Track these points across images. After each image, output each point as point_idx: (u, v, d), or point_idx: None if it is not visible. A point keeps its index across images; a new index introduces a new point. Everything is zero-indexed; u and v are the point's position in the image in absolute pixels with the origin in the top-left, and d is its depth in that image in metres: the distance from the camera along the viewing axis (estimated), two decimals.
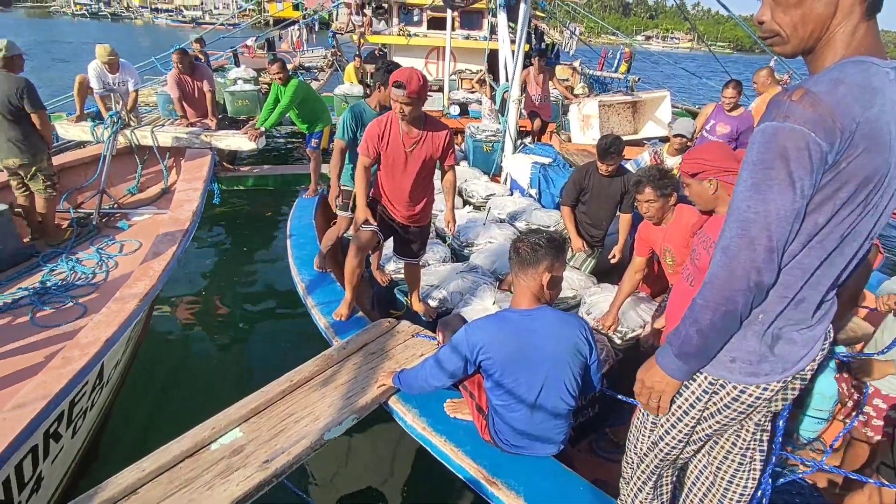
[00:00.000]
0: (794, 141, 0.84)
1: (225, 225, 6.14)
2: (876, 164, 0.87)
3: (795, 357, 1.06)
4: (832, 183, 0.88)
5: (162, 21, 56.10)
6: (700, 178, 1.74)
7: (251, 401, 1.91)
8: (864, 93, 0.84)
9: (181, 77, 5.07)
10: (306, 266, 3.29)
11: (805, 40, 0.93)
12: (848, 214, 0.92)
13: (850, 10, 0.88)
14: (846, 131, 0.83)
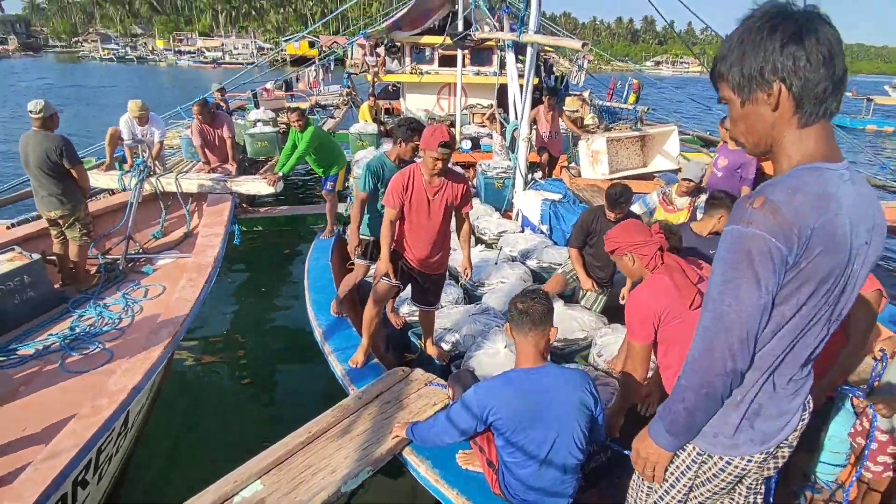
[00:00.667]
0: (758, 245, 0.94)
1: (245, 265, 6.32)
2: (833, 263, 0.96)
3: (775, 430, 1.15)
4: (794, 280, 0.97)
5: (185, 63, 58.69)
6: (617, 254, 1.96)
7: (271, 453, 1.98)
8: (819, 200, 0.93)
9: (202, 126, 5.35)
10: (323, 311, 3.38)
11: (758, 146, 1.04)
12: (812, 306, 1.01)
13: (788, 122, 0.97)
14: (802, 237, 0.92)
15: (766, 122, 0.99)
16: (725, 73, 1.01)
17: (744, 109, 1.01)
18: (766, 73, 0.95)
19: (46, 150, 3.56)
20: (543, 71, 13.11)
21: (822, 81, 0.93)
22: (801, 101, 0.95)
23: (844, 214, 0.95)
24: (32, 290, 3.57)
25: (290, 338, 4.68)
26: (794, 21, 0.92)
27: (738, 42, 0.97)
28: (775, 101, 0.96)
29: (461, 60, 10.17)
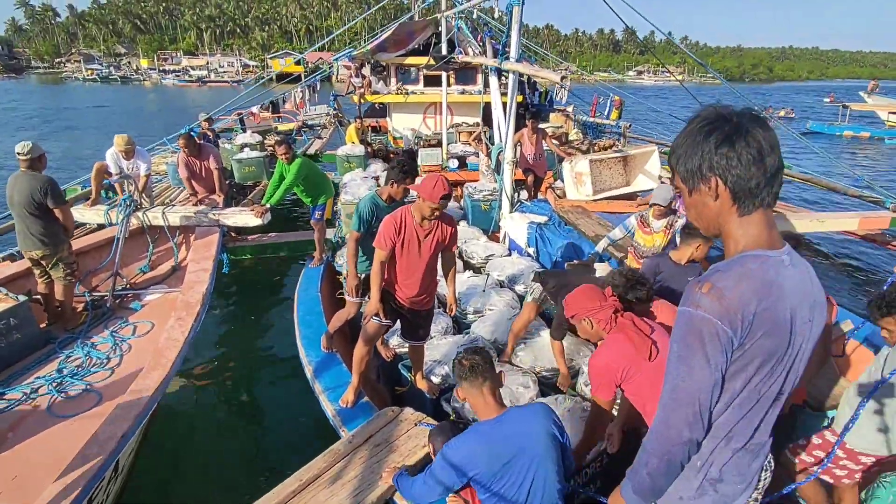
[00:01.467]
0: (707, 328, 1.03)
1: (234, 293, 6.31)
2: (775, 344, 1.06)
3: (736, 492, 1.24)
4: (741, 359, 1.07)
5: (170, 82, 58.59)
6: (576, 319, 2.14)
7: (265, 502, 1.99)
8: (763, 286, 1.03)
9: (189, 159, 5.38)
10: (313, 347, 3.40)
11: (708, 230, 1.16)
12: (759, 381, 1.10)
13: (729, 212, 1.09)
14: (745, 321, 1.02)
15: (711, 210, 1.11)
16: (675, 167, 1.13)
17: (692, 198, 1.13)
18: (704, 170, 1.07)
19: (31, 190, 3.57)
20: (528, 87, 13.35)
21: (754, 178, 1.04)
22: (737, 193, 1.06)
23: (786, 298, 1.05)
24: (18, 332, 3.55)
25: (280, 371, 4.68)
26: (729, 125, 1.04)
27: (683, 141, 1.10)
28: (714, 192, 1.08)
29: (446, 80, 10.32)
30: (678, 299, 2.60)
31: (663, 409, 1.13)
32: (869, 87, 24.63)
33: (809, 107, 35.27)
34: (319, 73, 14.25)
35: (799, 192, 11.31)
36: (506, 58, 5.43)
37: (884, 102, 23.16)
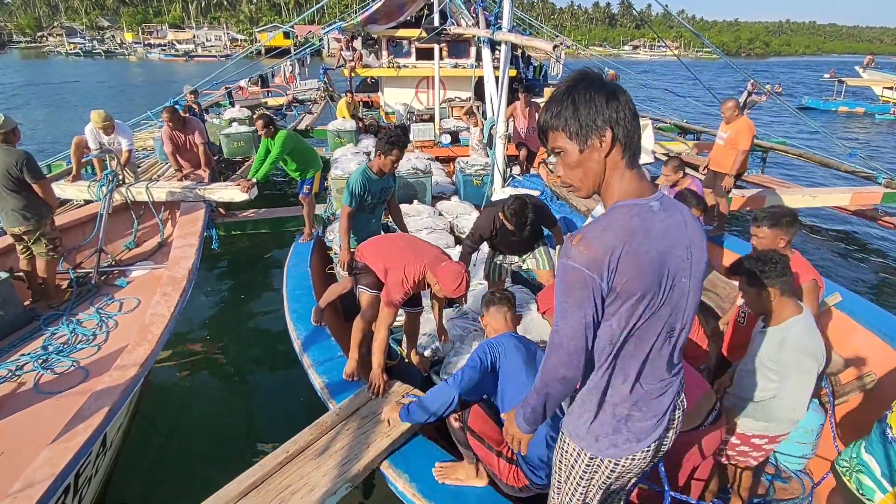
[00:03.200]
0: (575, 276, 1.13)
1: (223, 269, 6.25)
2: (646, 283, 1.13)
3: (648, 428, 1.31)
4: (616, 301, 1.15)
5: (155, 56, 57.04)
6: (549, 315, 2.35)
7: (248, 476, 1.99)
8: (626, 232, 1.11)
9: (173, 133, 5.24)
10: (303, 321, 3.37)
11: (592, 188, 1.22)
12: (640, 320, 1.17)
13: (615, 166, 1.17)
14: (611, 266, 1.10)
15: (598, 166, 1.17)
16: (561, 125, 1.17)
17: (581, 156, 1.17)
18: (599, 123, 1.13)
19: (7, 166, 3.46)
20: (521, 62, 13.08)
21: (635, 131, 1.16)
22: (625, 146, 1.16)
23: (653, 241, 1.13)
24: (2, 310, 3.49)
25: (270, 346, 4.66)
26: (606, 85, 1.16)
27: (568, 101, 1.15)
28: (608, 146, 1.15)
29: (438, 53, 10.08)
30: None
31: (547, 351, 1.24)
32: (865, 62, 24.38)
33: (800, 82, 35.02)
34: (309, 47, 13.90)
35: (791, 169, 11.29)
36: (498, 28, 5.29)
37: (878, 77, 22.99)
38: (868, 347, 3.12)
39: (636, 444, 1.30)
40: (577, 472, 1.38)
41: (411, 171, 5.87)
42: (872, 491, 1.73)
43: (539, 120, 1.22)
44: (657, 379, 1.28)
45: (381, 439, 2.12)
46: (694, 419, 1.97)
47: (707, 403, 2.01)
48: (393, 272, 2.64)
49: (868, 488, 1.74)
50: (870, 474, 1.74)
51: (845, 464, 1.88)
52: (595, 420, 1.31)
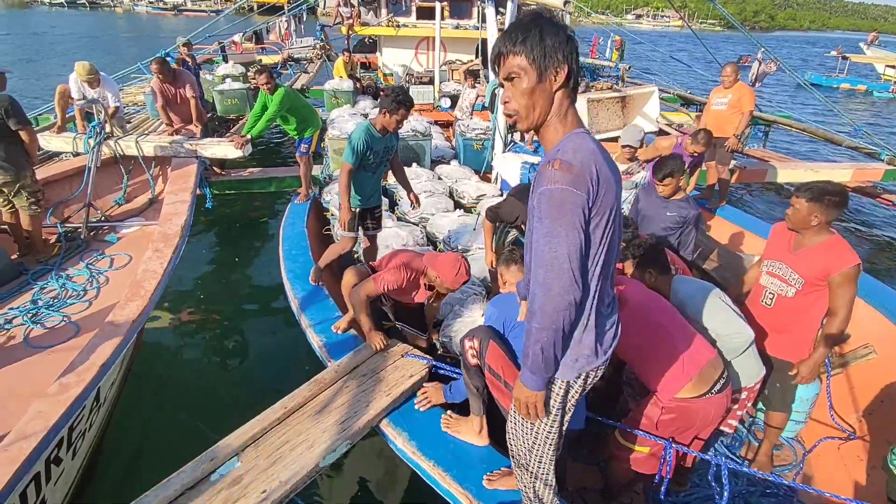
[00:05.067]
0: (566, 196, 1.16)
1: (218, 230, 6.13)
2: (612, 197, 1.23)
3: (610, 339, 1.41)
4: (595, 216, 1.21)
5: (142, 9, 54.68)
6: None
7: (248, 429, 1.96)
8: (590, 153, 1.20)
9: (163, 86, 5.01)
10: (300, 280, 3.30)
11: (535, 120, 1.26)
12: (610, 233, 1.26)
13: (562, 101, 1.25)
14: (592, 181, 1.17)
15: (548, 97, 1.23)
16: (526, 51, 1.19)
17: (539, 86, 1.21)
18: (560, 56, 1.19)
19: None
20: None
21: (580, 69, 1.26)
22: (576, 82, 1.24)
23: (605, 162, 1.22)
24: None
25: (266, 306, 4.62)
26: (565, 26, 1.22)
27: (534, 28, 1.18)
28: (563, 79, 1.21)
29: (440, 13, 9.71)
30: (652, 232, 2.69)
31: (544, 286, 1.21)
32: (869, 39, 23.99)
33: (803, 58, 34.44)
34: (304, 2, 13.32)
35: (793, 145, 11.19)
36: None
37: (882, 55, 22.64)
38: (866, 320, 3.13)
39: (601, 357, 1.37)
40: (559, 405, 1.41)
41: (411, 133, 5.71)
42: None
43: (497, 44, 1.23)
44: (611, 297, 1.41)
45: (381, 398, 2.09)
46: (702, 385, 1.96)
47: (714, 371, 2.00)
48: (394, 264, 2.69)
49: None
50: None
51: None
52: (574, 344, 1.35)
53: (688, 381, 1.94)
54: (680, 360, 1.97)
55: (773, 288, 2.46)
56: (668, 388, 1.97)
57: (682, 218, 3.03)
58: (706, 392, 1.95)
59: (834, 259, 2.21)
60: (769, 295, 2.49)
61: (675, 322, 2.08)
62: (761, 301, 2.53)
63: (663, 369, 1.98)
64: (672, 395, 1.96)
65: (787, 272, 2.38)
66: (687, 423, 2.00)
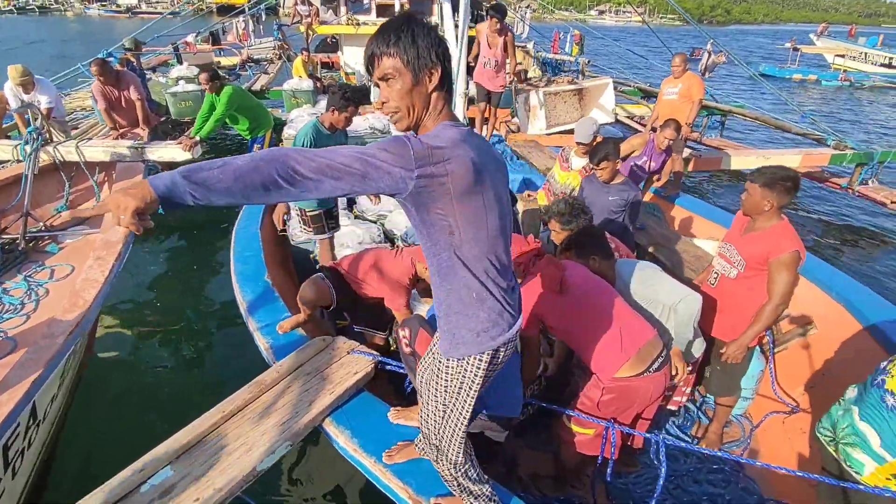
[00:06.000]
0: (384, 145, 1.15)
1: (172, 234, 5.94)
2: (468, 181, 1.19)
3: (514, 310, 1.40)
4: (444, 195, 1.18)
5: (94, 12, 52.65)
6: None
7: (181, 437, 1.89)
8: (451, 142, 1.18)
9: (105, 88, 4.83)
10: (249, 282, 3.22)
11: (416, 119, 1.28)
12: (487, 212, 1.26)
13: (437, 102, 1.27)
14: (435, 159, 1.15)
15: (425, 99, 1.25)
16: (396, 52, 1.20)
17: (414, 87, 1.23)
18: (433, 57, 1.22)
19: None
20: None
21: (451, 72, 1.28)
22: (448, 85, 1.27)
23: (469, 151, 1.20)
24: None
25: (226, 311, 4.50)
26: (435, 27, 1.24)
27: (406, 29, 1.20)
28: (437, 79, 1.24)
29: (399, 9, 9.65)
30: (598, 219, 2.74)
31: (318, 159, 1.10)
32: (819, 30, 24.96)
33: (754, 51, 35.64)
34: (263, 2, 13.06)
35: (749, 135, 11.56)
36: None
37: (831, 45, 23.61)
38: (809, 298, 3.24)
39: (508, 330, 1.38)
40: (463, 386, 1.40)
41: (370, 130, 5.67)
42: (862, 465, 1.67)
43: (370, 45, 1.23)
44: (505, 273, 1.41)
45: (324, 396, 2.05)
46: (640, 364, 1.99)
47: (653, 350, 2.03)
48: (387, 285, 2.70)
49: (857, 461, 1.69)
50: (864, 446, 1.67)
51: (829, 433, 1.82)
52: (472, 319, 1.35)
53: (626, 360, 1.97)
54: (619, 340, 2.00)
55: (718, 268, 2.53)
56: (607, 369, 2.00)
57: (624, 201, 3.09)
58: (644, 371, 1.98)
59: (774, 244, 2.24)
60: (714, 275, 2.56)
61: (615, 304, 2.11)
62: (708, 280, 2.61)
63: (603, 350, 2.01)
64: (611, 374, 1.99)
65: (732, 253, 2.43)
66: (627, 402, 2.03)
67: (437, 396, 1.45)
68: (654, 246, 3.60)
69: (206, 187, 1.02)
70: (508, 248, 1.39)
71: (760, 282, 2.34)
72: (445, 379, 1.42)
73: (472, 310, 1.33)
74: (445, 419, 1.46)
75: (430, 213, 1.21)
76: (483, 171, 1.22)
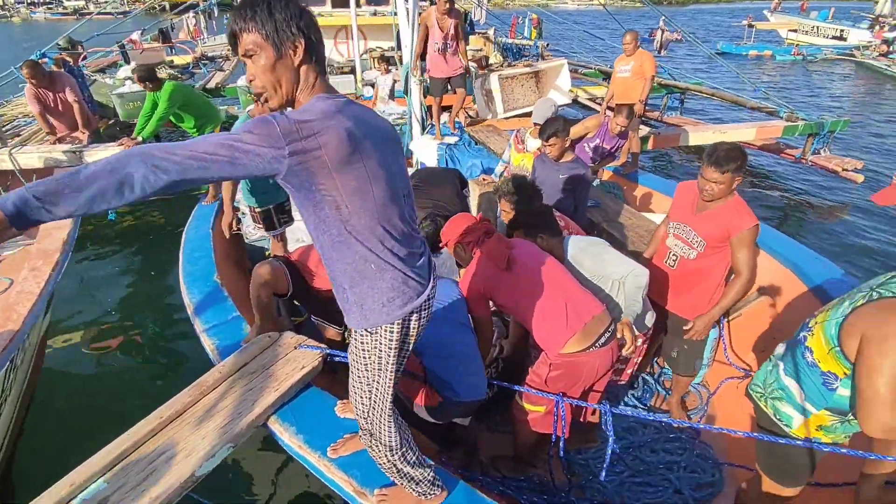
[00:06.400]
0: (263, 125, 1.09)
1: (121, 241, 5.72)
2: (346, 151, 1.15)
3: (422, 279, 1.38)
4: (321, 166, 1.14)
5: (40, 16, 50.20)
6: (449, 246, 2.32)
7: (116, 446, 1.81)
8: (323, 114, 1.15)
9: (38, 91, 4.58)
10: (198, 283, 3.11)
11: (285, 96, 1.24)
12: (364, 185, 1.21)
13: (308, 75, 1.24)
14: (303, 134, 1.10)
15: (292, 73, 1.22)
16: (255, 27, 1.16)
17: (278, 62, 1.19)
18: (294, 29, 1.18)
19: None
20: None
21: (321, 44, 1.24)
22: (316, 57, 1.23)
23: (344, 121, 1.16)
24: None
25: (177, 315, 4.36)
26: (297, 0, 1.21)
27: (262, 3, 1.16)
28: (303, 51, 1.20)
29: (355, 1, 9.44)
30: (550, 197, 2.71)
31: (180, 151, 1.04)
32: (773, 6, 25.55)
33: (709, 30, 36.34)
34: None
35: (708, 112, 11.78)
36: None
37: (784, 20, 24.20)
38: (759, 265, 3.30)
39: (417, 298, 1.37)
40: (384, 356, 1.37)
41: None
42: (791, 417, 1.71)
43: (230, 23, 1.19)
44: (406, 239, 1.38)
45: (269, 394, 1.98)
46: (586, 340, 1.98)
47: (600, 325, 2.03)
48: None
49: (786, 414, 1.73)
50: (790, 399, 1.70)
51: (759, 389, 1.85)
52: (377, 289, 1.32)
53: (571, 335, 1.96)
54: (564, 316, 1.99)
55: (676, 250, 2.49)
56: (553, 345, 2.00)
57: (574, 179, 3.08)
58: (590, 346, 1.98)
59: (734, 222, 2.23)
60: (672, 256, 2.52)
61: (561, 280, 2.10)
62: (665, 262, 2.57)
63: (549, 327, 2.00)
64: (557, 351, 1.98)
65: (690, 234, 2.40)
66: (574, 377, 2.03)
67: (361, 377, 1.42)
68: (607, 222, 3.62)
69: (59, 199, 0.96)
70: (407, 215, 1.36)
71: (721, 259, 2.35)
72: (364, 356, 1.39)
73: (374, 281, 1.30)
74: (372, 400, 1.43)
75: (313, 190, 1.18)
76: (362, 140, 1.19)
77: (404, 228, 1.34)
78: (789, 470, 1.82)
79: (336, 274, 1.33)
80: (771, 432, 1.77)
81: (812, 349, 1.62)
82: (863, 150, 9.39)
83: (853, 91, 15.34)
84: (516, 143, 3.78)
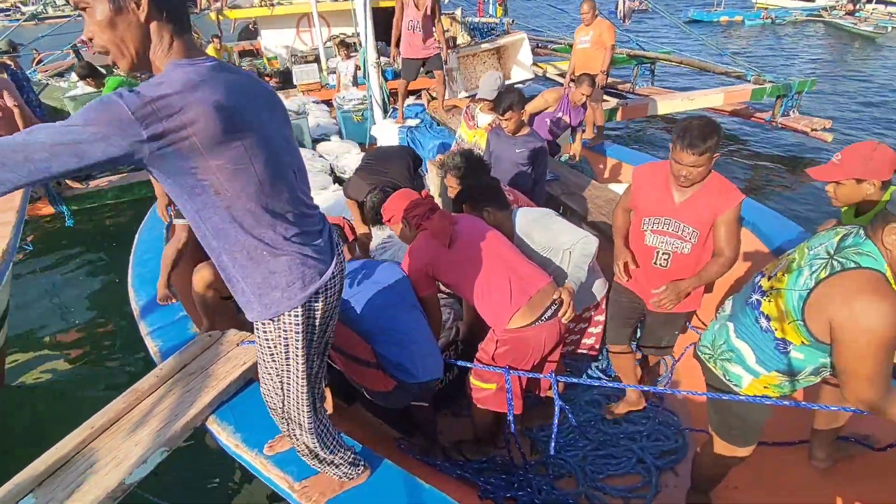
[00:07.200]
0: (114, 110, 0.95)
1: (79, 248, 5.55)
2: (219, 127, 1.04)
3: (321, 259, 1.28)
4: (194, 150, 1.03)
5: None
6: (392, 223, 2.23)
7: (45, 459, 1.72)
8: (182, 84, 1.01)
9: None
10: (147, 285, 3.00)
11: (133, 57, 1.09)
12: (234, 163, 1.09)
13: (161, 35, 1.08)
14: (162, 111, 0.98)
15: (139, 31, 1.06)
16: None
17: (116, 17, 1.04)
18: None
19: None
20: None
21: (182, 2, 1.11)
22: (169, 11, 1.07)
23: (212, 93, 1.04)
24: None
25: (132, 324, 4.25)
26: None
27: None
28: (147, 5, 1.04)
29: None
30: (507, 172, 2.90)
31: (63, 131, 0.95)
32: None
33: None
34: None
35: (679, 81, 11.74)
36: None
37: None
38: None
39: (319, 278, 1.29)
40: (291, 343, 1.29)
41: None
42: (740, 377, 1.69)
43: None
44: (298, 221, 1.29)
45: (207, 394, 1.91)
46: (531, 314, 1.94)
47: (546, 298, 1.98)
48: None
49: (735, 375, 1.71)
50: (740, 361, 1.68)
51: (708, 350, 1.81)
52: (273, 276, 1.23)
53: (516, 310, 1.91)
54: (509, 291, 1.93)
55: (665, 248, 2.16)
56: (499, 321, 1.95)
57: (531, 152, 3.01)
58: (536, 320, 1.93)
59: (722, 202, 2.01)
60: (663, 256, 2.18)
61: (504, 254, 2.05)
62: (653, 263, 2.22)
63: (494, 302, 1.95)
64: (503, 326, 1.94)
65: (679, 227, 2.10)
66: (521, 352, 1.98)
67: (270, 370, 1.35)
68: (566, 195, 3.56)
69: None
70: (298, 191, 1.25)
71: (710, 244, 2.12)
72: (269, 347, 1.30)
73: (269, 267, 1.20)
74: (285, 390, 1.36)
75: (186, 176, 1.05)
76: (236, 113, 1.07)
77: (296, 207, 1.23)
78: (741, 429, 1.80)
79: (225, 265, 1.22)
80: (719, 390, 1.75)
81: (769, 316, 1.57)
82: (835, 108, 9.44)
83: (822, 51, 15.42)
84: (466, 119, 3.69)
